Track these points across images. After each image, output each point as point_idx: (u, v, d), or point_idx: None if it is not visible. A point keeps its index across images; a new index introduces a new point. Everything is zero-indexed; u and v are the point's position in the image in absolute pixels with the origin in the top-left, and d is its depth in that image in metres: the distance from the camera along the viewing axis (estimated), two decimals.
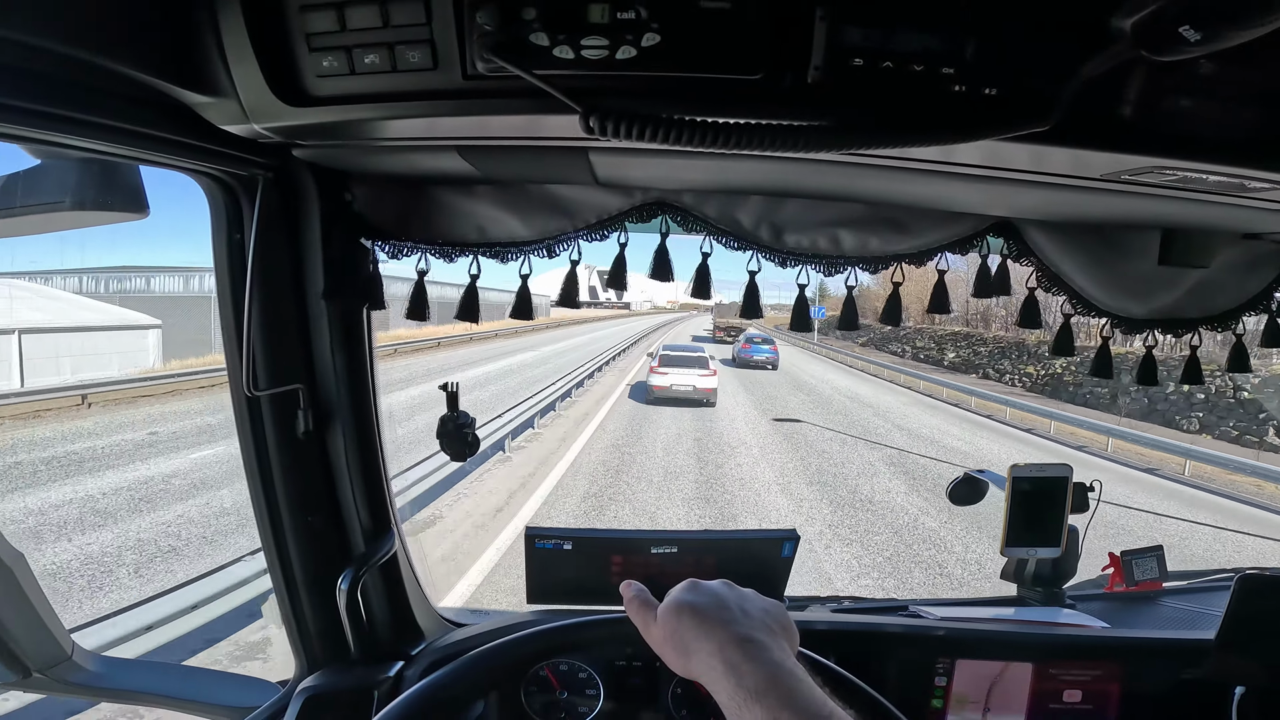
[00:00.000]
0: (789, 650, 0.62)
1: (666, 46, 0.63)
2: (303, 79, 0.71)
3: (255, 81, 0.70)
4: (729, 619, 0.63)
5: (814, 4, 0.61)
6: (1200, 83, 0.65)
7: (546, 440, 11.40)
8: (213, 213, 0.97)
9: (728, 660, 0.59)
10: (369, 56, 0.67)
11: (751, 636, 0.61)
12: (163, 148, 0.77)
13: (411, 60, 0.66)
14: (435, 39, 0.65)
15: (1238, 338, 1.18)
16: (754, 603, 0.68)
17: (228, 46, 0.70)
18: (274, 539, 1.12)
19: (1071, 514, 1.45)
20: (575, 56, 0.63)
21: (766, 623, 0.65)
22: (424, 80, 0.68)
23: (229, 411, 1.06)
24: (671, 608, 0.66)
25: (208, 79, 0.72)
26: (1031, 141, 0.67)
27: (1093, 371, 1.19)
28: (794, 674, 0.57)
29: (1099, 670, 1.28)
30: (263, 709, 1.17)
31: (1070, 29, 0.60)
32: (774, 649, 0.60)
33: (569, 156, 0.87)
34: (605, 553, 1.33)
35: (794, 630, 0.67)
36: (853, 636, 1.33)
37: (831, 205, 1.05)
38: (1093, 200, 0.90)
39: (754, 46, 0.63)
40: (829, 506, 8.58)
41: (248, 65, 0.70)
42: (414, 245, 1.05)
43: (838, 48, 0.62)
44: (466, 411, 1.19)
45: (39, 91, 0.62)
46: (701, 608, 0.65)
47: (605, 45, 0.62)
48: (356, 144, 0.86)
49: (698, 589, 0.68)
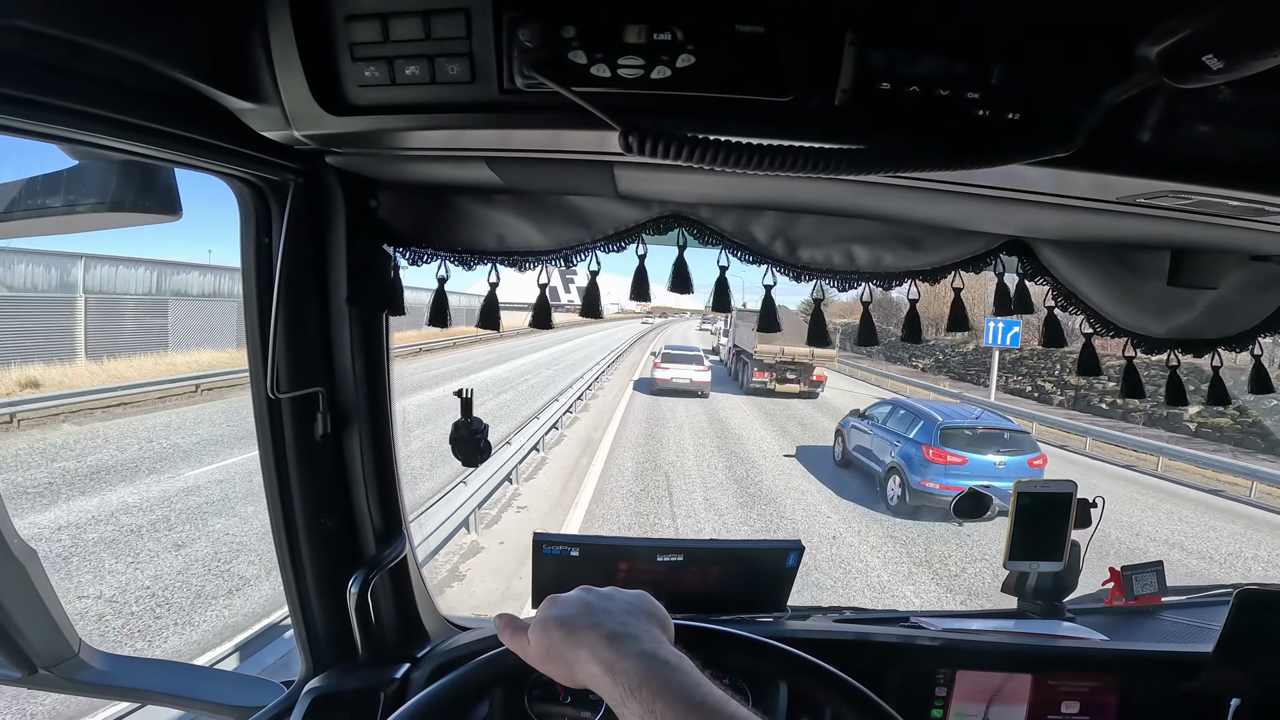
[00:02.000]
0: (662, 638, 0.62)
1: (701, 67, 0.64)
2: (344, 88, 0.72)
3: (299, 89, 0.72)
4: (595, 621, 0.63)
5: (844, 29, 0.62)
6: (1217, 109, 0.66)
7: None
8: (242, 216, 0.98)
9: (602, 660, 0.58)
10: (410, 68, 0.68)
11: (619, 631, 0.61)
12: (201, 151, 0.78)
13: (450, 73, 0.68)
14: (474, 52, 0.66)
15: (1256, 359, 1.19)
16: (617, 599, 0.67)
17: (276, 54, 0.71)
18: (287, 540, 1.13)
19: (1074, 529, 1.47)
20: (611, 75, 0.64)
21: (633, 615, 0.64)
22: (461, 93, 0.69)
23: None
24: (538, 626, 0.65)
25: (253, 85, 0.73)
26: (1052, 165, 0.68)
27: (1124, 393, 1.19)
28: (667, 662, 0.57)
29: (1097, 681, 1.30)
30: (269, 708, 1.17)
31: (1096, 56, 0.62)
32: (644, 639, 0.60)
33: (594, 169, 0.88)
34: (612, 560, 1.34)
35: (664, 616, 0.67)
36: (853, 646, 1.35)
37: (846, 221, 1.06)
38: (1106, 222, 0.92)
39: (785, 69, 0.65)
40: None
41: (293, 73, 0.71)
42: (434, 253, 1.06)
43: (865, 71, 0.64)
44: (479, 418, 1.20)
45: (82, 92, 0.63)
46: (566, 618, 0.64)
47: (641, 65, 0.64)
48: (388, 152, 0.87)
49: (557, 602, 0.67)
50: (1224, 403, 1.21)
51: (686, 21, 0.62)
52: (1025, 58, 0.63)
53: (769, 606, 1.44)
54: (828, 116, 0.66)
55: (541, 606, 0.68)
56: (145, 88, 0.67)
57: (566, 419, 13.25)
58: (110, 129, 0.68)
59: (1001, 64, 0.63)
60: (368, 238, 1.02)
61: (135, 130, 0.69)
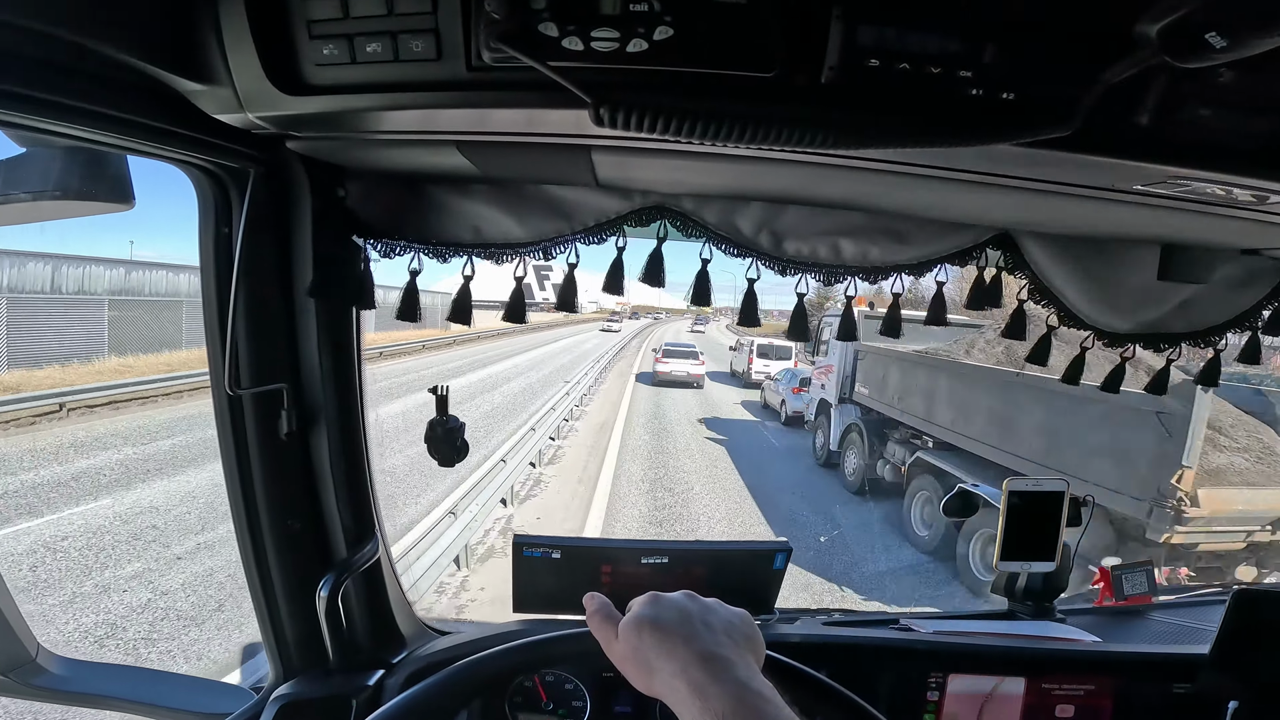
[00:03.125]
0: (755, 665, 0.60)
1: (679, 40, 0.61)
2: (301, 67, 0.68)
3: (252, 69, 0.68)
4: (691, 634, 0.61)
5: (830, 2, 0.59)
6: (1218, 91, 0.64)
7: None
8: (200, 205, 0.94)
9: (692, 681, 0.56)
10: (371, 45, 0.65)
11: (716, 653, 0.59)
12: (152, 137, 0.75)
13: (414, 50, 0.64)
14: (440, 28, 0.63)
15: (1217, 353, 1.19)
16: (718, 615, 0.65)
17: (226, 32, 0.68)
18: (251, 542, 1.09)
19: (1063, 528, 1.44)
20: (585, 48, 0.61)
21: (731, 636, 0.62)
22: (426, 71, 0.65)
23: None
24: (633, 624, 0.63)
25: (203, 66, 0.70)
26: (1048, 148, 0.65)
27: (1065, 378, 1.22)
28: (761, 694, 0.55)
29: (1092, 685, 1.27)
30: (236, 715, 1.13)
31: (1094, 34, 0.59)
32: (739, 666, 0.58)
33: (571, 154, 0.84)
34: (594, 562, 1.31)
35: (760, 642, 0.65)
36: (844, 650, 1.32)
37: (832, 214, 1.03)
38: (1098, 211, 0.89)
39: (768, 43, 0.61)
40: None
41: (245, 52, 0.68)
42: (407, 244, 1.02)
43: (853, 47, 0.61)
44: (456, 415, 1.16)
45: (25, 75, 0.60)
46: (664, 623, 0.62)
47: (616, 37, 0.60)
48: (353, 136, 0.84)
49: (659, 602, 0.65)
50: (1161, 392, 1.23)
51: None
52: (1021, 35, 0.61)
53: (757, 609, 1.41)
54: (813, 93, 0.63)
55: (640, 602, 0.66)
56: (89, 69, 0.64)
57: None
58: (53, 113, 0.64)
59: (996, 41, 0.61)
60: (335, 228, 0.98)
61: (80, 114, 0.66)
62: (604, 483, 9.46)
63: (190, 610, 5.20)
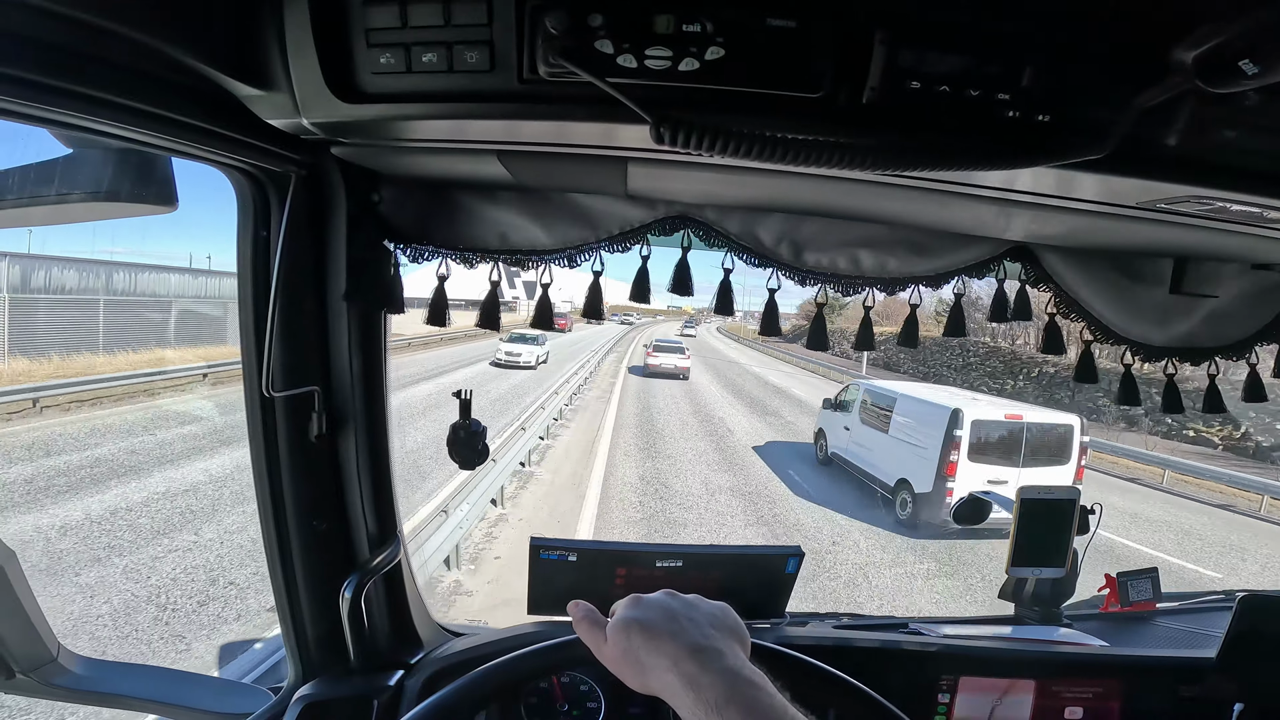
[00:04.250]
0: (743, 654, 0.62)
1: (730, 61, 0.63)
2: (358, 75, 0.70)
3: (312, 75, 0.70)
4: (678, 630, 0.62)
5: (874, 26, 0.61)
6: (1244, 113, 0.66)
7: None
8: (240, 208, 0.96)
9: (684, 673, 0.58)
10: (427, 55, 0.67)
11: (704, 645, 0.60)
12: (200, 138, 0.76)
13: (469, 61, 0.66)
14: (495, 40, 0.65)
15: (1251, 367, 1.20)
16: (700, 610, 0.66)
17: (289, 40, 0.69)
18: (278, 542, 1.10)
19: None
20: (638, 66, 0.62)
21: (717, 628, 0.64)
22: (478, 82, 0.67)
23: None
24: (619, 626, 0.65)
25: (263, 71, 0.71)
26: (1073, 168, 0.67)
27: (1120, 400, 1.19)
28: (752, 681, 0.57)
29: (1100, 688, 1.29)
30: (257, 715, 1.14)
31: (1130, 59, 0.61)
32: (729, 655, 0.60)
33: (606, 166, 0.86)
34: (609, 565, 1.32)
35: (744, 632, 0.66)
36: (855, 653, 1.33)
37: (852, 225, 1.05)
38: (1115, 227, 0.91)
39: (815, 65, 0.63)
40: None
41: (307, 59, 0.69)
42: (435, 250, 1.03)
43: (895, 70, 0.63)
44: (478, 419, 1.17)
45: (81, 73, 0.61)
46: (649, 622, 0.63)
47: (669, 56, 0.62)
48: (399, 143, 0.85)
49: (642, 603, 0.66)
50: (1219, 410, 1.21)
51: (717, 14, 0.61)
52: (1058, 59, 0.63)
53: (768, 612, 1.43)
54: (856, 114, 0.65)
55: (624, 604, 0.67)
56: (150, 71, 0.65)
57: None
58: (110, 113, 0.65)
59: (1034, 65, 0.63)
60: (368, 233, 1.00)
61: (136, 115, 0.67)
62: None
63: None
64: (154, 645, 4.65)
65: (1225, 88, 0.56)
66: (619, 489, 9.30)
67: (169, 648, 4.65)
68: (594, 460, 10.64)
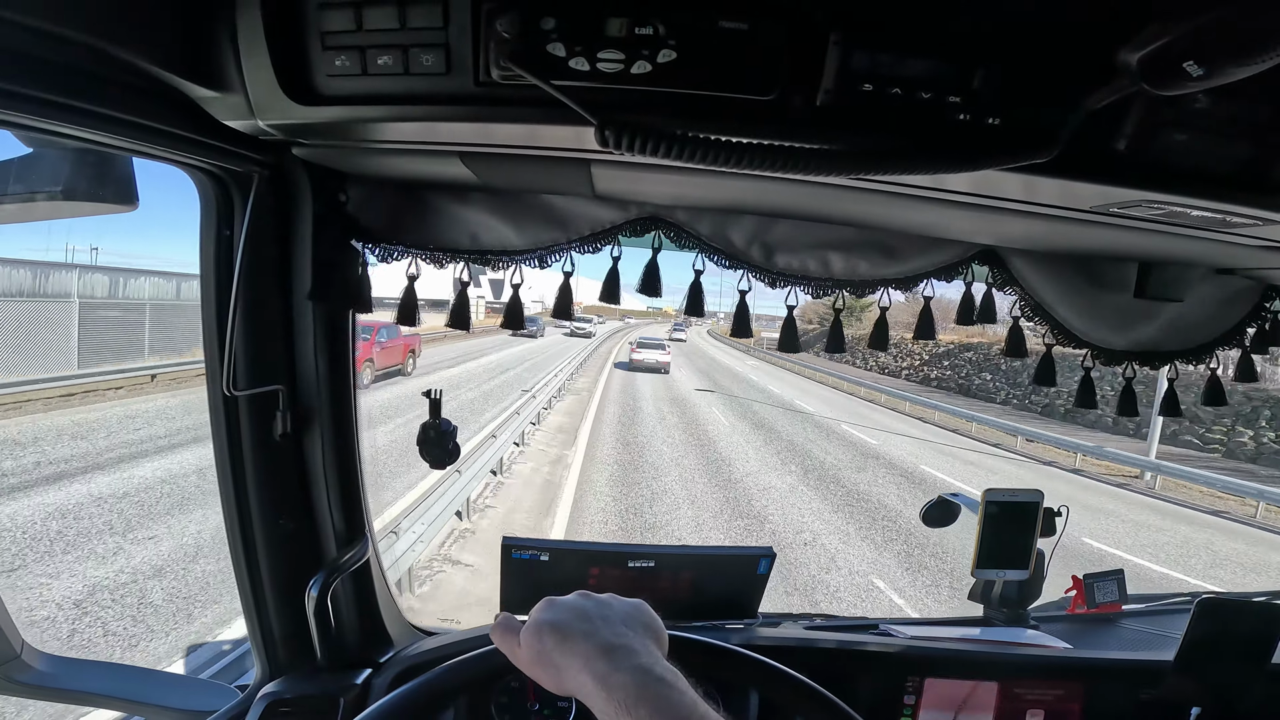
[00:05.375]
0: (657, 652, 0.61)
1: (682, 64, 0.63)
2: (313, 77, 0.70)
3: (266, 78, 0.70)
4: (590, 630, 0.62)
5: (828, 28, 0.62)
6: (1192, 117, 0.66)
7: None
8: (203, 208, 0.95)
9: (595, 672, 0.57)
10: (382, 58, 0.66)
11: (615, 644, 0.60)
12: (161, 140, 0.76)
13: (425, 64, 0.66)
14: (450, 43, 0.65)
15: (1212, 372, 1.22)
16: (614, 608, 0.66)
17: (242, 42, 0.69)
18: (242, 541, 1.10)
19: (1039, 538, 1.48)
20: (590, 69, 0.63)
21: (630, 626, 0.63)
22: (435, 84, 0.67)
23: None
24: (532, 629, 0.64)
25: (217, 73, 0.71)
26: (1029, 172, 0.68)
27: (1078, 403, 1.21)
28: (663, 679, 0.56)
29: (1061, 690, 1.31)
30: (221, 713, 1.14)
31: (1077, 62, 0.62)
32: (641, 653, 0.59)
33: (571, 167, 0.86)
34: (582, 565, 1.32)
35: (660, 628, 0.66)
36: (825, 654, 1.35)
37: (822, 228, 1.06)
38: (1078, 231, 0.92)
39: (768, 68, 0.64)
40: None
41: (260, 61, 0.69)
42: (405, 249, 1.03)
43: (849, 72, 0.63)
44: (448, 419, 1.17)
45: (39, 78, 0.61)
46: (561, 623, 0.63)
47: (621, 59, 0.62)
48: (359, 144, 0.85)
49: (554, 605, 0.66)
50: (1176, 414, 1.24)
51: (669, 16, 0.61)
52: (1008, 62, 0.63)
53: (740, 613, 1.44)
54: (809, 116, 0.65)
55: (536, 608, 0.67)
56: (104, 74, 0.65)
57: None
58: (66, 115, 0.65)
59: (984, 68, 0.63)
60: (335, 232, 1.00)
61: (92, 117, 0.67)
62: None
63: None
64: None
65: (1171, 90, 0.56)
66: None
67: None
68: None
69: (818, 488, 9.77)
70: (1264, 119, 0.67)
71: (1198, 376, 1.26)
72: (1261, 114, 0.66)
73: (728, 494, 9.03)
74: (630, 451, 10.99)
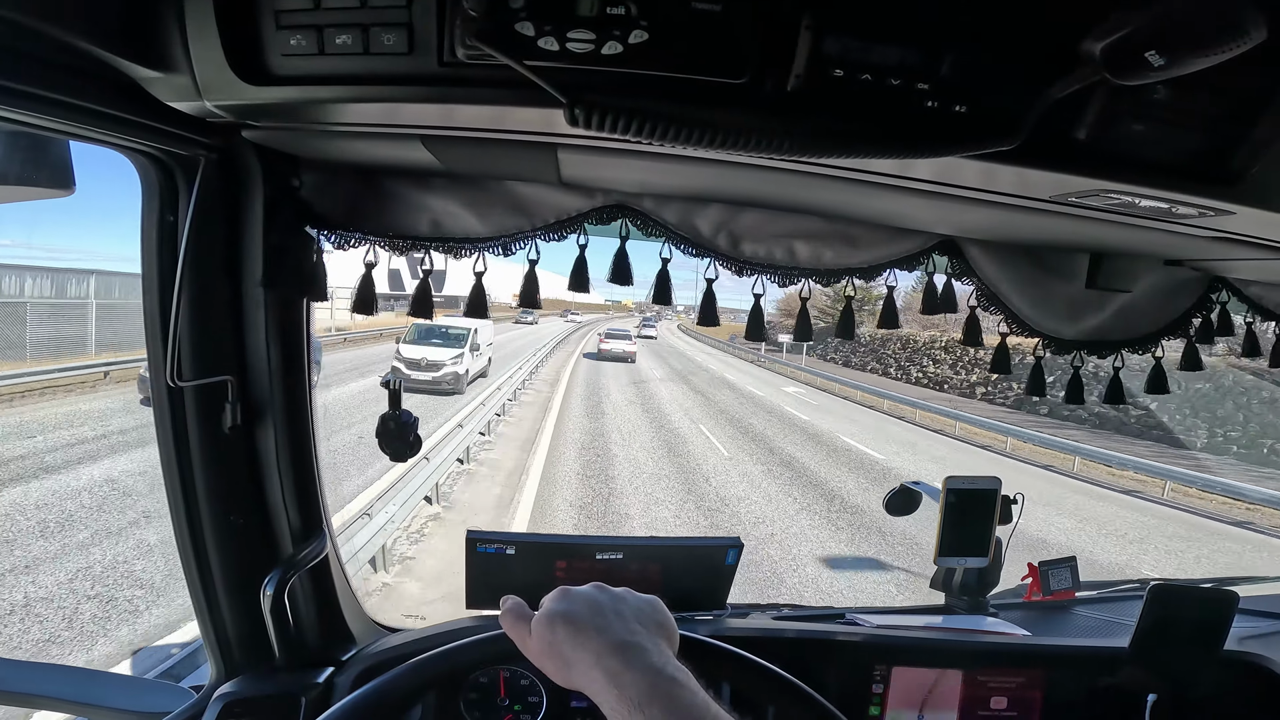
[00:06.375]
0: (668, 650, 0.61)
1: (653, 44, 0.62)
2: (266, 57, 0.67)
3: (214, 57, 0.67)
4: (603, 625, 0.61)
5: (800, 13, 0.61)
6: (1149, 108, 0.67)
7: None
8: (145, 192, 0.92)
9: (607, 669, 0.57)
10: (341, 37, 0.64)
11: (629, 641, 0.60)
12: (99, 122, 0.72)
13: (386, 43, 0.64)
14: (414, 22, 0.63)
15: (1157, 360, 1.26)
16: (628, 604, 0.66)
17: (189, 20, 0.66)
18: (191, 537, 1.06)
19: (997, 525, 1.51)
20: (560, 49, 0.61)
21: (643, 624, 0.63)
22: (396, 65, 0.65)
23: None
24: (544, 619, 0.64)
25: (161, 53, 0.68)
26: (991, 160, 0.68)
27: (1028, 390, 1.25)
28: (675, 679, 0.56)
29: (1022, 678, 1.34)
30: (176, 714, 1.11)
31: (1041, 51, 0.62)
32: (653, 652, 0.59)
33: (536, 152, 0.84)
34: (549, 558, 1.31)
35: (672, 627, 0.66)
36: (793, 644, 1.35)
37: (789, 217, 1.06)
38: (1034, 221, 0.94)
39: (740, 50, 0.63)
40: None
41: (208, 40, 0.66)
42: (363, 237, 1.01)
43: (820, 57, 0.63)
44: (409, 410, 1.16)
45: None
46: (574, 615, 0.63)
47: (592, 39, 0.61)
48: (314, 127, 0.82)
49: (569, 596, 0.66)
50: (1119, 401, 1.27)
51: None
52: (975, 51, 0.63)
53: (709, 604, 1.44)
54: (779, 100, 0.64)
55: (550, 598, 0.66)
56: (36, 51, 0.61)
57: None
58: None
59: (952, 56, 0.63)
60: (288, 218, 0.96)
61: (22, 97, 0.63)
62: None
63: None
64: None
65: (1132, 79, 0.57)
66: None
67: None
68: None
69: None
70: (1216, 111, 0.68)
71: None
72: (1214, 106, 0.68)
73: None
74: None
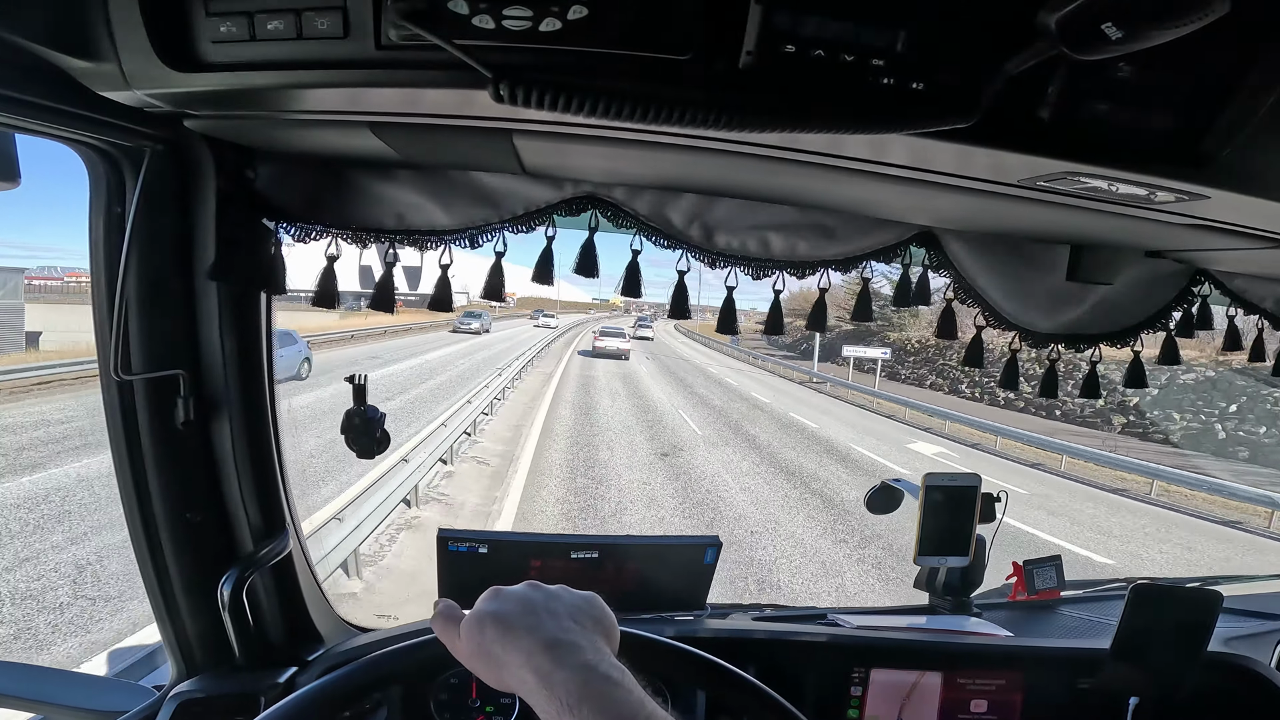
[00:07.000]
0: (605, 648, 0.58)
1: (594, 20, 0.58)
2: (196, 44, 0.65)
3: (140, 46, 0.64)
4: (535, 624, 0.59)
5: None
6: (1115, 86, 0.65)
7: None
8: (92, 184, 0.90)
9: (537, 669, 0.54)
10: (272, 23, 0.61)
11: (560, 639, 0.57)
12: (38, 114, 0.71)
13: (320, 27, 0.61)
14: (348, 5, 0.60)
15: (1135, 354, 1.25)
16: (563, 601, 0.63)
17: (113, 9, 0.64)
18: (145, 536, 1.04)
19: (979, 524, 1.49)
20: (496, 27, 0.58)
21: (578, 621, 0.60)
22: (333, 49, 0.62)
23: None
24: (474, 620, 0.61)
25: (87, 42, 0.66)
26: (954, 140, 0.66)
27: (1001, 383, 1.24)
28: (608, 677, 0.54)
29: (1003, 680, 1.31)
30: (133, 714, 1.08)
31: (997, 25, 0.59)
32: (587, 650, 0.56)
33: (492, 139, 0.81)
34: (523, 557, 1.30)
35: (611, 623, 0.63)
36: (773, 645, 1.33)
37: (763, 207, 1.03)
38: (1009, 209, 0.91)
39: (686, 26, 0.60)
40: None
41: (133, 28, 0.64)
42: (324, 229, 0.98)
43: (771, 33, 0.59)
44: (375, 406, 1.13)
45: None
46: (505, 615, 0.60)
47: (529, 16, 0.57)
48: (259, 115, 0.80)
49: (500, 595, 0.63)
50: (1095, 396, 1.26)
51: None
52: (931, 25, 0.61)
53: (688, 604, 1.42)
54: (730, 78, 0.61)
55: (482, 598, 0.63)
56: None
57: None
58: None
59: (905, 31, 0.60)
60: (242, 210, 0.94)
61: None
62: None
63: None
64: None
65: (1090, 54, 0.54)
66: None
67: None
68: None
69: None
70: (1185, 91, 0.66)
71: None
72: (1182, 86, 0.65)
73: None
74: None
